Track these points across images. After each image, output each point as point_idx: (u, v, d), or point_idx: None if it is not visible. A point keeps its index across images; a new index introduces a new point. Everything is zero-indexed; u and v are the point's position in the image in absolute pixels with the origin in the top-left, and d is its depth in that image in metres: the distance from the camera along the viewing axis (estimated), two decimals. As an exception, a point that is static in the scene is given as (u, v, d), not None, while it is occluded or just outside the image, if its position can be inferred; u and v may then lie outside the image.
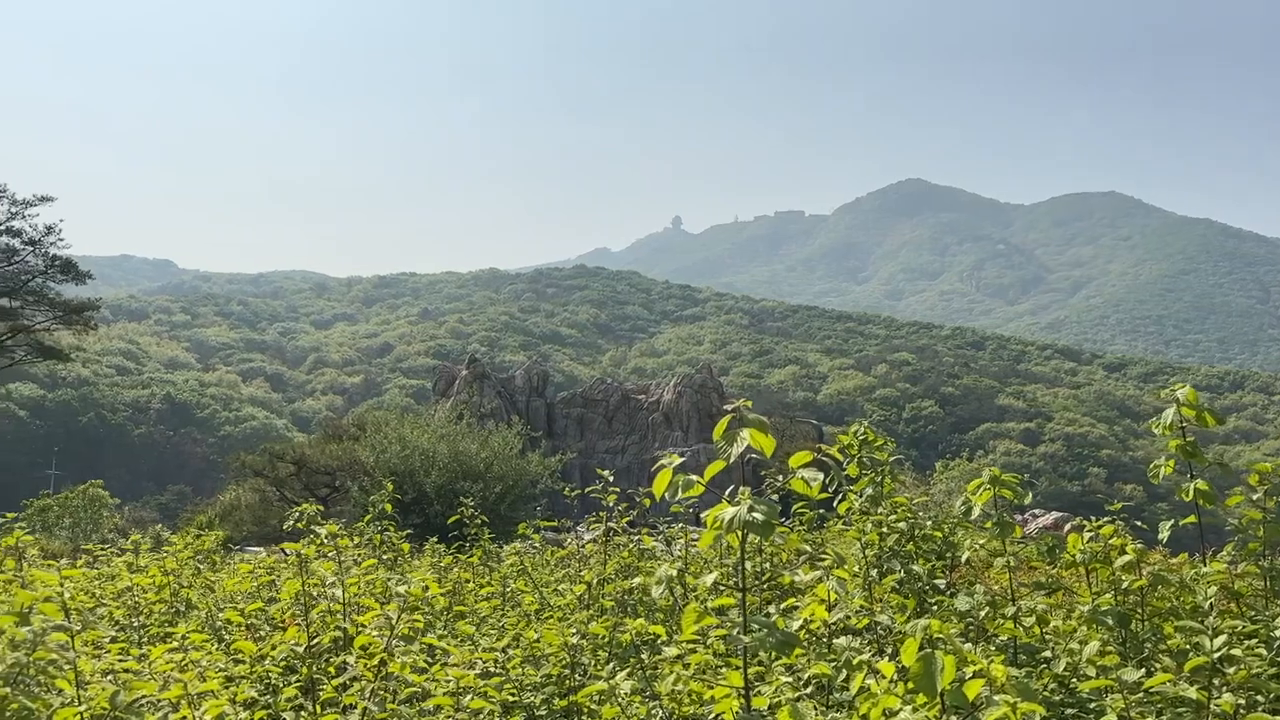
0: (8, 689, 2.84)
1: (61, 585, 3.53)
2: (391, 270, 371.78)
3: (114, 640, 5.25)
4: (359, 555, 7.86)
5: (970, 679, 3.17)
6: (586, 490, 7.09)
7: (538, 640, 4.95)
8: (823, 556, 4.80)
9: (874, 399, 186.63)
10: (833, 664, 3.41)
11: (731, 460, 2.80)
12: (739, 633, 2.75)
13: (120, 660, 3.95)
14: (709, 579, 3.12)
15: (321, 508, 9.40)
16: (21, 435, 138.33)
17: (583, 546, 7.52)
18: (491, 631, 5.76)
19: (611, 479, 6.86)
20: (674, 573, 3.11)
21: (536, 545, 9.19)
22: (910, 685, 3.00)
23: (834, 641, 3.51)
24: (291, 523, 9.08)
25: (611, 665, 4.25)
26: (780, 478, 5.69)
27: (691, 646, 4.72)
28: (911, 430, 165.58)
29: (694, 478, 2.86)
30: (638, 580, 5.90)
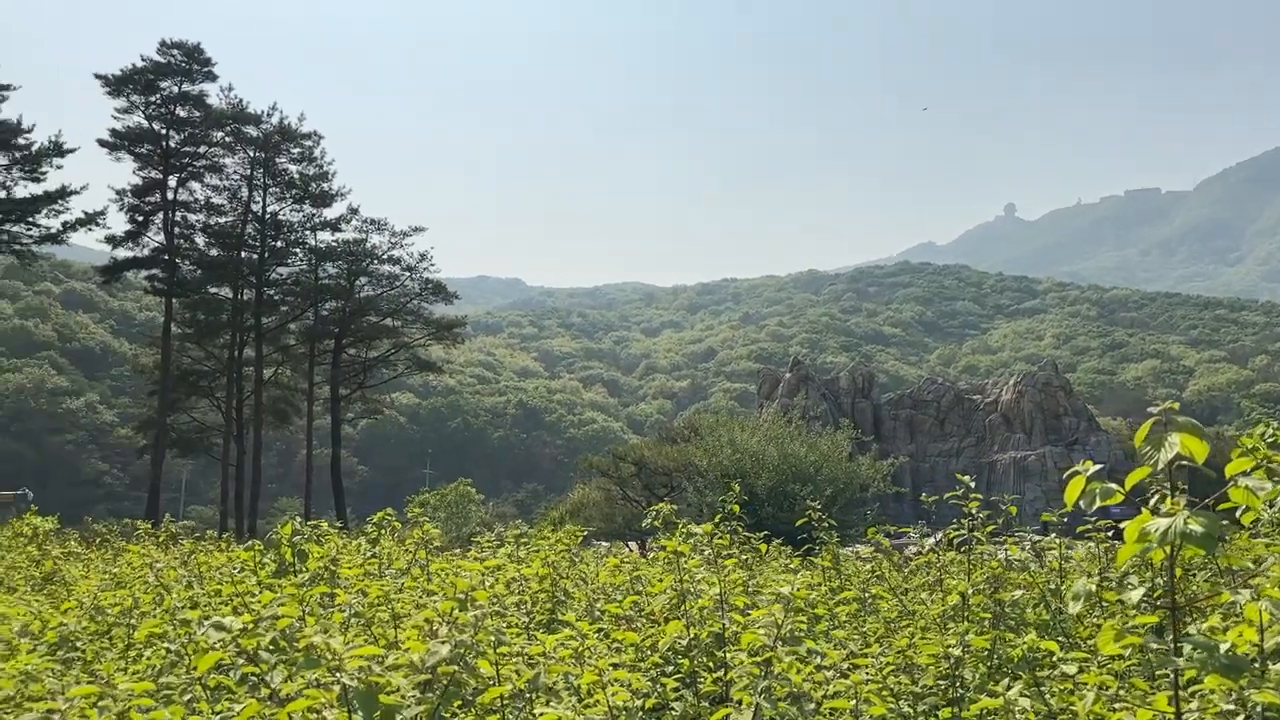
0: (454, 667, 3.21)
1: (484, 575, 3.96)
2: (713, 277, 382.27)
3: (509, 626, 5.75)
4: (710, 554, 8.06)
5: None
6: (946, 497, 6.81)
7: (909, 648, 4.83)
8: (1261, 573, 4.28)
9: (1253, 395, 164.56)
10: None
11: (1159, 468, 2.55)
12: (1170, 653, 2.50)
13: (530, 645, 4.33)
14: (1135, 595, 2.87)
15: (675, 507, 9.79)
16: (402, 439, 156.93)
17: (942, 554, 7.24)
18: (855, 637, 5.71)
19: (974, 484, 6.56)
20: (1093, 588, 2.90)
21: (885, 549, 9.00)
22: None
23: (1270, 668, 3.10)
24: (649, 521, 9.54)
25: (1006, 681, 4.05)
26: (1168, 485, 5.14)
27: (1085, 664, 4.39)
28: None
29: (1113, 485, 2.63)
30: (1018, 593, 5.58)
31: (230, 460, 56.96)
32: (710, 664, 4.81)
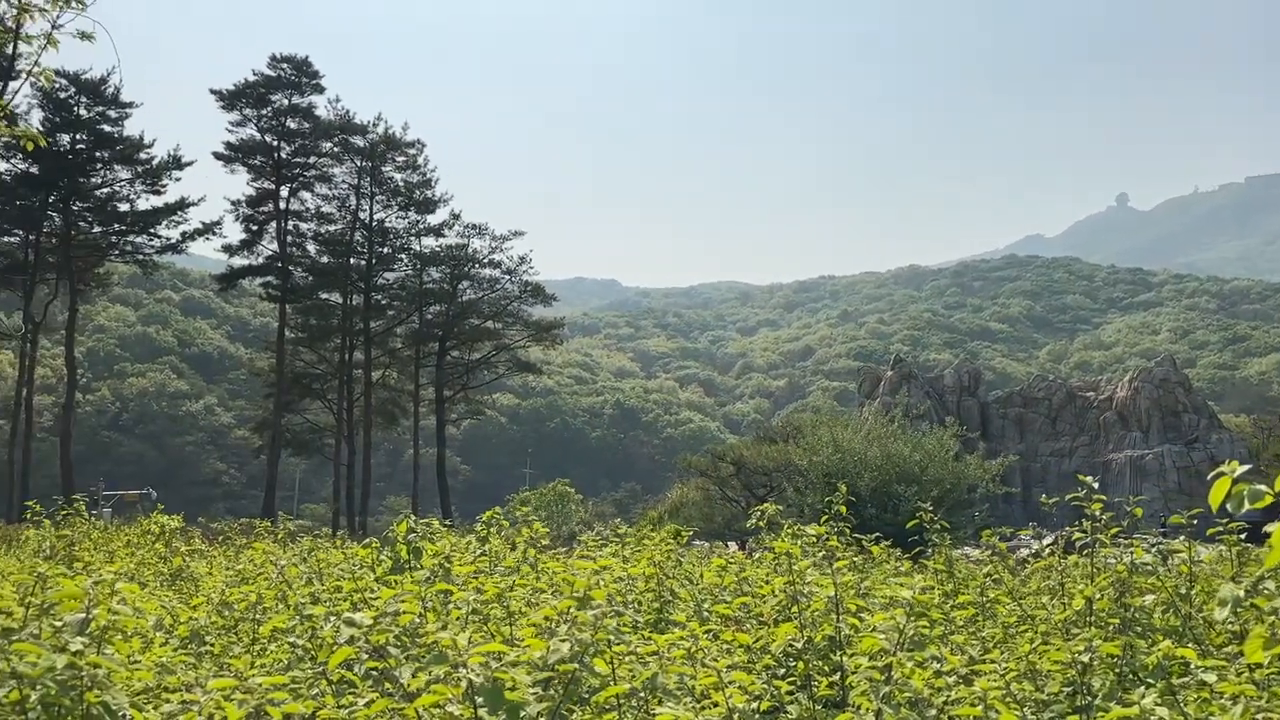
0: (574, 665, 3.24)
1: (595, 575, 4.00)
2: (810, 275, 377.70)
3: (622, 626, 5.76)
4: (817, 556, 7.95)
5: None
6: (1068, 498, 6.59)
7: (1032, 653, 4.69)
8: None
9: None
10: None
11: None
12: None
13: (641, 645, 4.33)
14: (1289, 602, 2.72)
15: (780, 508, 9.69)
16: (503, 439, 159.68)
17: (1064, 558, 7.00)
18: (973, 642, 5.57)
19: (1097, 485, 6.33)
20: (1240, 593, 2.76)
21: (1001, 551, 8.74)
22: None
23: None
24: (753, 521, 9.46)
25: (1141, 690, 3.90)
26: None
27: (1222, 672, 4.19)
28: None
29: (1261, 487, 2.50)
30: (1149, 598, 5.36)
31: (342, 460, 58.79)
32: (825, 667, 4.75)
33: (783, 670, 5.10)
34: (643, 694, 3.93)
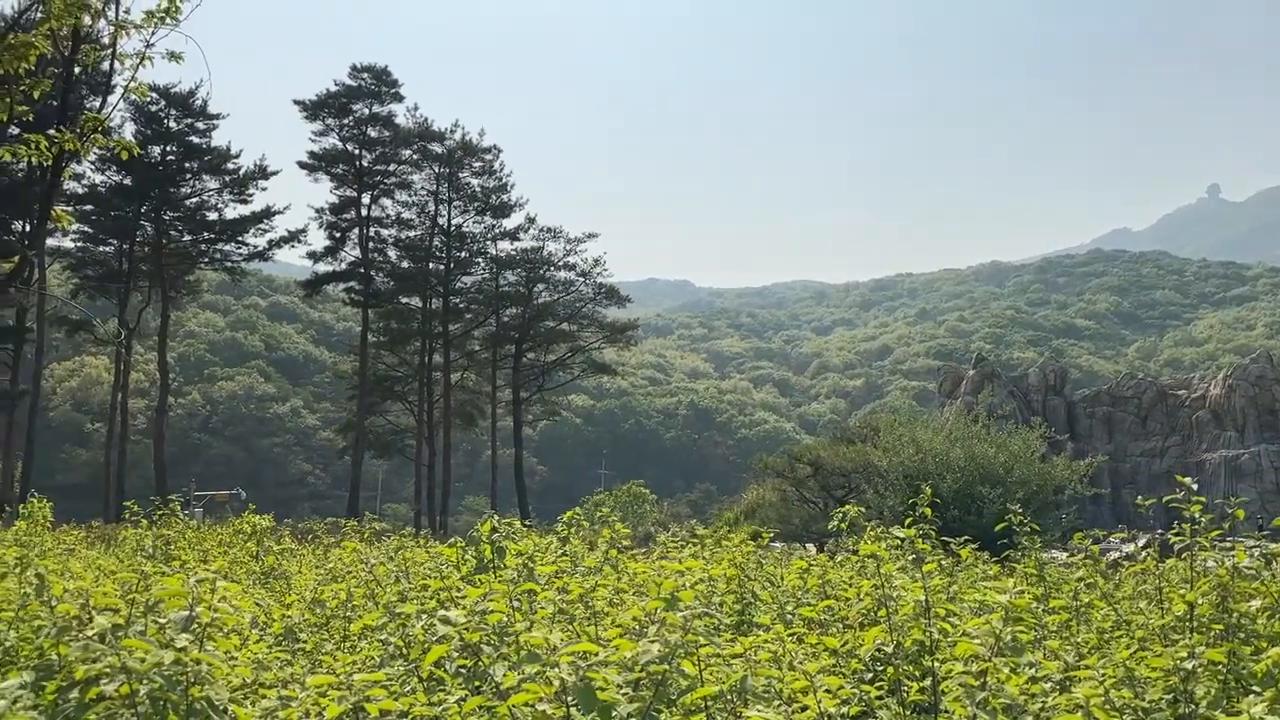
0: (665, 666, 3.25)
1: (683, 575, 4.02)
2: (886, 273, 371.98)
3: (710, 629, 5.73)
4: (904, 559, 7.85)
5: None
6: (1164, 500, 6.38)
7: (1131, 659, 4.55)
8: None
9: None
10: None
11: None
12: None
13: (725, 647, 4.33)
14: None
15: (862, 510, 9.56)
16: (578, 440, 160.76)
17: (1161, 561, 6.78)
18: (1067, 648, 5.43)
19: (1196, 486, 6.12)
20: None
21: (1094, 554, 8.50)
22: None
23: None
24: (835, 523, 9.35)
25: (1251, 698, 3.76)
26: None
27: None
28: None
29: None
30: (1255, 604, 5.17)
31: (422, 461, 59.85)
32: (915, 672, 4.68)
33: (870, 675, 5.04)
34: (730, 696, 3.92)
